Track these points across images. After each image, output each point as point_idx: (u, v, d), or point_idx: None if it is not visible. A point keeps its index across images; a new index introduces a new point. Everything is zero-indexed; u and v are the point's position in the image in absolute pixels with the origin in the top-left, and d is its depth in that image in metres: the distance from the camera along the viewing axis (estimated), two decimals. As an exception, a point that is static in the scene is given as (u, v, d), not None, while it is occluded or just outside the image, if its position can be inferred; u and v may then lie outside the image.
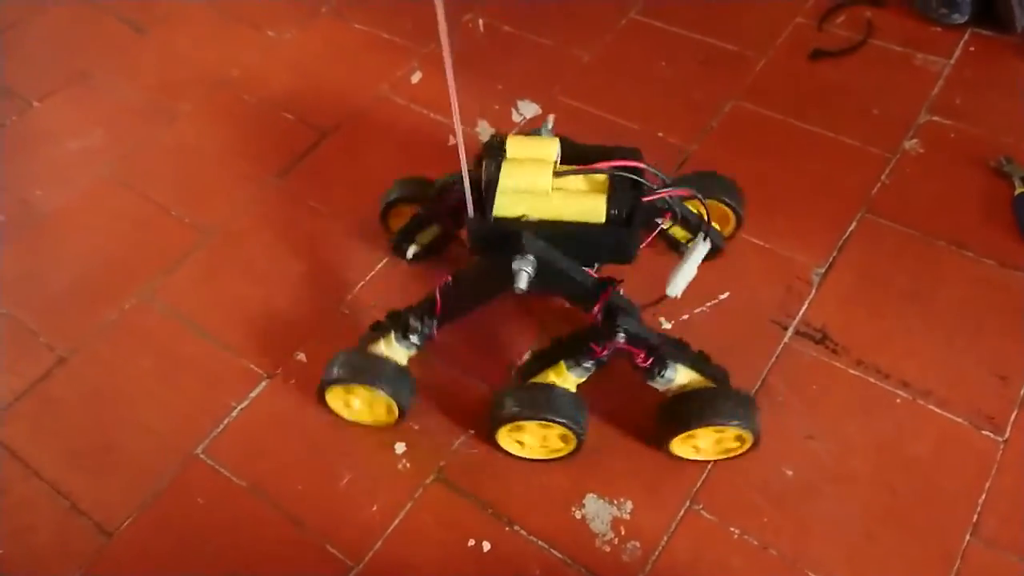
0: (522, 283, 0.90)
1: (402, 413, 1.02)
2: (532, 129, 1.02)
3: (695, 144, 1.37)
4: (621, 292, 0.98)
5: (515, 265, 0.90)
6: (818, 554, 0.95)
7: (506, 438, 1.00)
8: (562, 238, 0.93)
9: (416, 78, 1.53)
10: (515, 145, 0.97)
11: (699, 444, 0.99)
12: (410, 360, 1.04)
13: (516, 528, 0.98)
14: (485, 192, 0.94)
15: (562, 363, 0.98)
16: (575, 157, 0.97)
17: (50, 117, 1.53)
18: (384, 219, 1.21)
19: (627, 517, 0.98)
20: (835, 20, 1.56)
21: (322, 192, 1.35)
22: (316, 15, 1.67)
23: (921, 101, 1.40)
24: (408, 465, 1.04)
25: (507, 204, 0.94)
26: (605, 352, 0.95)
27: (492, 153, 0.96)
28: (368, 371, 1.00)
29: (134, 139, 1.47)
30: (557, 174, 0.95)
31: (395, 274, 1.23)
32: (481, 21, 1.62)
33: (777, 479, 1.00)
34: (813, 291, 1.17)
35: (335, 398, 1.04)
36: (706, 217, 0.99)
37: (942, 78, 1.43)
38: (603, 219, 0.93)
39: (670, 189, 0.97)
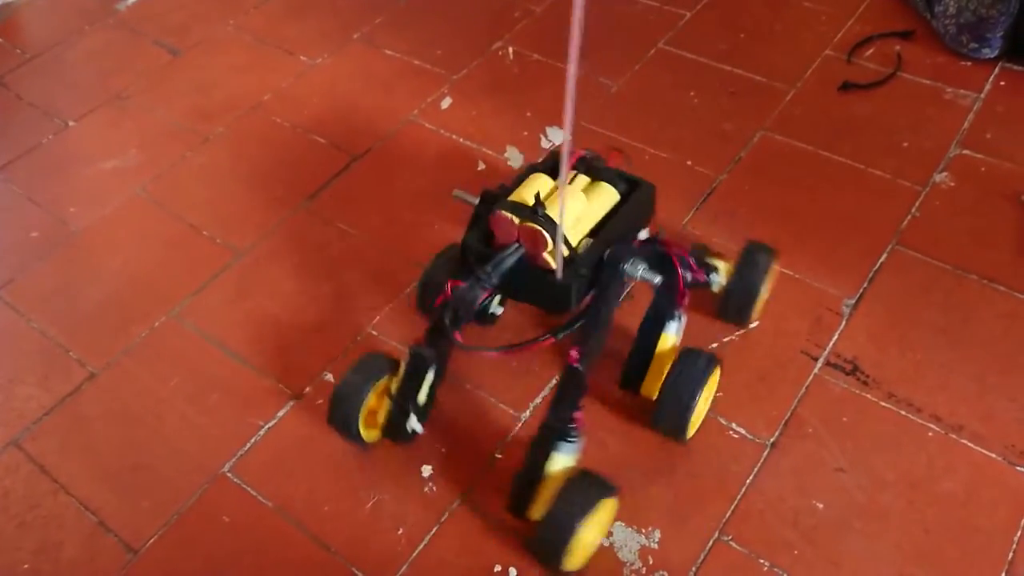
0: (652, 277, 0.98)
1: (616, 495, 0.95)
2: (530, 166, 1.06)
3: (724, 174, 1.37)
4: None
5: (632, 272, 0.97)
6: (849, 590, 0.93)
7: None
8: (614, 225, 1.01)
9: (446, 104, 1.54)
10: (526, 189, 1.00)
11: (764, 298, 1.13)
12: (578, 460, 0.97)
13: (543, 555, 0.97)
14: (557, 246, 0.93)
15: (664, 334, 1.03)
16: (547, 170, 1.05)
17: (86, 137, 1.55)
18: (356, 431, 1.03)
19: (655, 547, 0.97)
20: (864, 53, 1.56)
21: (352, 215, 1.36)
22: (348, 41, 1.70)
23: (952, 135, 1.40)
24: (434, 488, 1.03)
25: (575, 237, 0.98)
26: (686, 297, 1.02)
27: (535, 208, 0.96)
28: (585, 499, 0.90)
29: (168, 160, 1.49)
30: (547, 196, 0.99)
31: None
32: (511, 49, 1.64)
33: (808, 512, 0.99)
34: (843, 323, 1.16)
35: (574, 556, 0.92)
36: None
37: (972, 112, 1.43)
38: (619, 195, 1.03)
39: (613, 152, 1.10)
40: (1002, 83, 1.48)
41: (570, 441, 0.93)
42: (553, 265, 0.95)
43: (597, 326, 0.97)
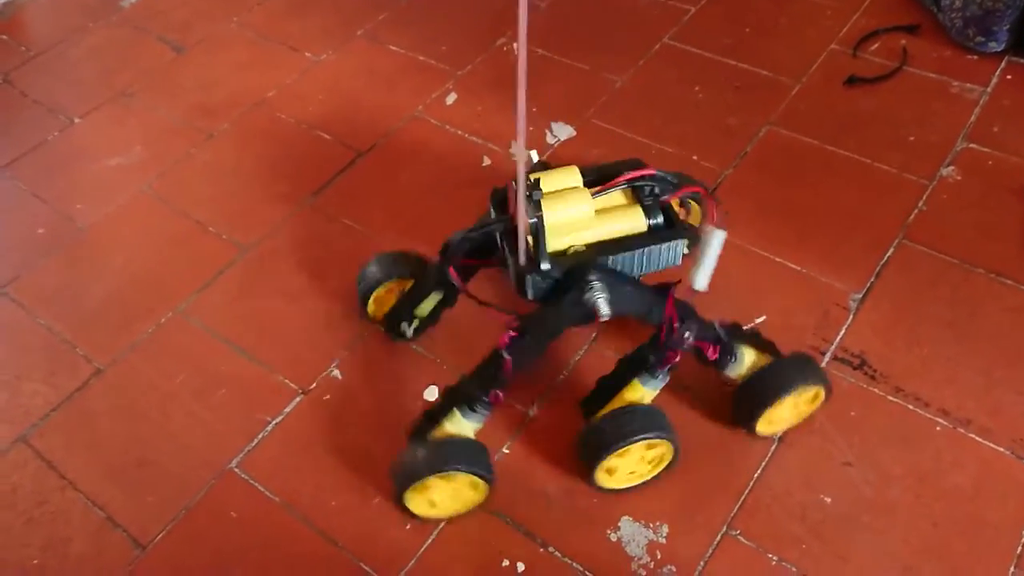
0: (606, 309, 0.90)
1: (489, 484, 0.97)
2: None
3: (730, 168, 1.37)
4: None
5: (589, 297, 0.90)
6: (858, 584, 0.93)
7: (602, 475, 0.98)
8: (619, 256, 0.94)
9: (451, 100, 1.54)
10: (546, 181, 0.96)
11: (782, 415, 1.02)
12: (477, 432, 0.99)
13: (550, 549, 0.97)
14: (534, 236, 0.91)
15: (635, 381, 0.98)
16: (587, 179, 0.99)
17: (91, 134, 1.55)
18: (364, 304, 1.14)
19: (663, 541, 0.97)
20: (869, 47, 1.56)
21: (357, 211, 1.36)
22: (352, 38, 1.70)
23: (958, 128, 1.39)
24: (442, 484, 1.03)
25: (557, 240, 0.94)
26: (677, 357, 0.96)
27: (505, 201, 0.97)
28: (448, 457, 0.94)
29: (172, 156, 1.49)
30: (594, 194, 0.96)
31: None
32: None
33: (815, 506, 0.99)
34: (850, 317, 1.16)
35: (416, 502, 0.97)
36: (713, 204, 1.02)
37: (979, 106, 1.43)
38: (644, 227, 0.96)
39: (684, 187, 1.00)
40: (1008, 77, 1.47)
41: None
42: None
43: (533, 327, 0.95)
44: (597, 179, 0.99)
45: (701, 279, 0.93)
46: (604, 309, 0.89)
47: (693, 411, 1.07)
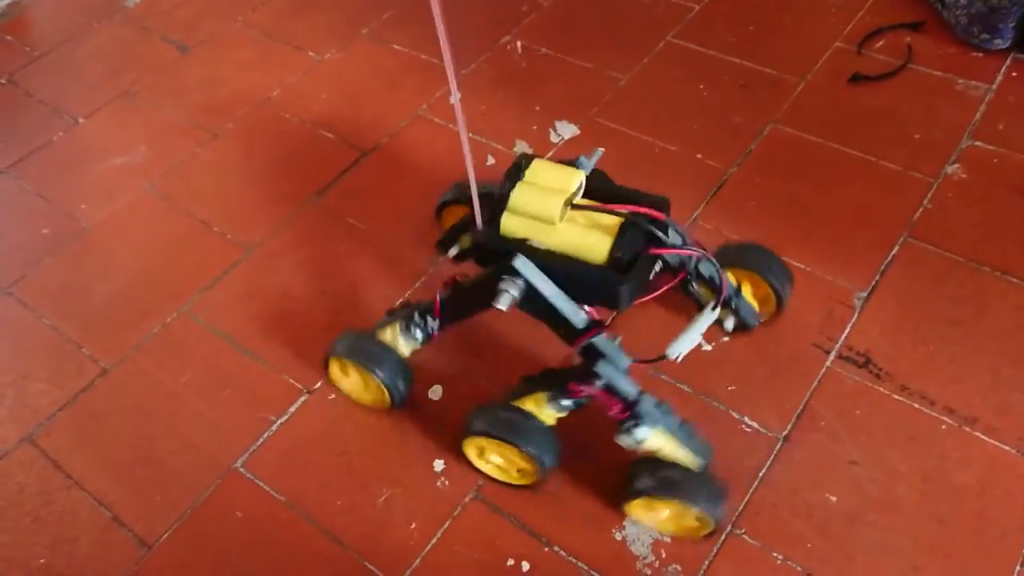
0: (503, 303, 0.89)
1: (394, 402, 1.06)
2: (577, 158, 1.00)
3: (734, 167, 1.37)
4: (614, 340, 0.93)
5: (502, 285, 0.89)
6: (863, 583, 0.93)
7: (473, 453, 1.02)
8: (560, 270, 0.90)
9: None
10: (536, 170, 0.95)
11: (659, 514, 0.97)
12: (413, 353, 1.06)
13: (555, 549, 0.97)
14: (495, 206, 0.93)
15: (542, 394, 0.97)
16: (604, 195, 0.94)
17: (96, 133, 1.56)
18: (439, 216, 1.22)
19: (668, 540, 0.97)
20: (874, 45, 1.55)
21: (361, 210, 1.36)
22: (356, 37, 1.70)
23: (963, 126, 1.39)
24: (447, 483, 1.04)
25: (514, 225, 0.92)
26: (582, 393, 0.93)
27: (513, 172, 0.95)
28: (367, 354, 1.04)
29: (177, 156, 1.49)
30: (574, 206, 0.92)
31: (433, 291, 1.23)
32: (519, 43, 1.63)
33: (821, 505, 0.99)
34: (855, 315, 1.16)
35: (336, 371, 1.11)
36: (722, 285, 0.94)
37: (984, 103, 1.42)
38: (603, 260, 0.89)
39: (682, 248, 0.93)
40: (1014, 74, 1.47)
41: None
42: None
43: (460, 288, 1.00)
44: (609, 196, 0.94)
45: (675, 349, 0.87)
46: (501, 303, 0.89)
47: (696, 410, 1.07)
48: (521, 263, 0.89)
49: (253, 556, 0.99)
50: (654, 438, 0.92)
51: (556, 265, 0.90)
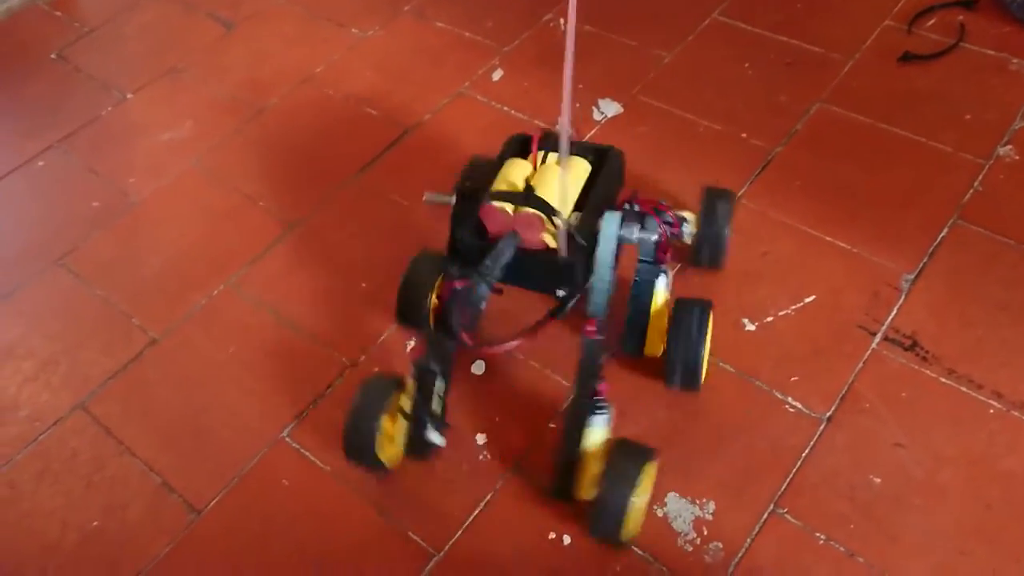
0: (636, 235, 1.02)
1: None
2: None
3: (780, 146, 1.35)
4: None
5: (626, 233, 1.01)
6: (907, 566, 0.92)
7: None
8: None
9: (497, 76, 1.54)
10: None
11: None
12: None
13: (597, 524, 0.98)
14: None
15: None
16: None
17: (143, 109, 1.58)
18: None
19: (709, 518, 0.97)
20: (925, 23, 1.52)
21: (404, 186, 1.37)
22: (399, 14, 1.70)
23: (1016, 107, 1.36)
24: (488, 456, 1.05)
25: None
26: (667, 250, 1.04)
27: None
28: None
29: (222, 132, 1.51)
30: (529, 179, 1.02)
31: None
32: (562, 21, 1.62)
33: (864, 487, 0.98)
34: (902, 298, 1.14)
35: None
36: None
37: (1039, 84, 1.39)
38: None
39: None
40: (1071, 53, 1.43)
41: (600, 412, 0.95)
42: (553, 245, 0.96)
43: (599, 290, 0.99)
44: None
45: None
46: (650, 236, 1.01)
47: (739, 391, 1.07)
48: (608, 213, 0.99)
49: (299, 524, 1.01)
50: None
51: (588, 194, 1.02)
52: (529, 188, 0.99)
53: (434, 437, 0.99)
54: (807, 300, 1.15)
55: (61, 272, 1.32)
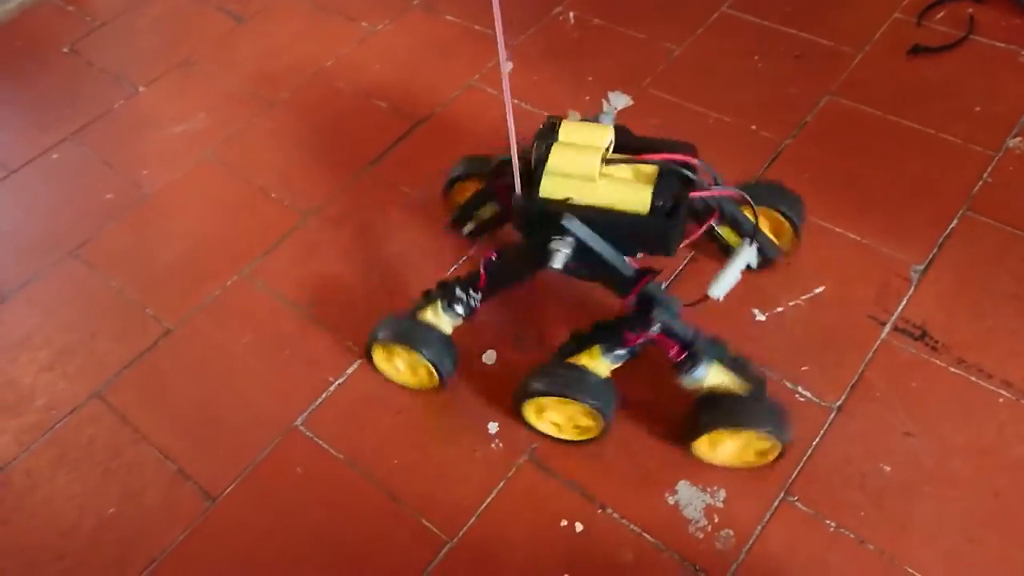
0: (557, 263, 0.91)
1: (442, 380, 1.07)
2: (594, 115, 1.02)
3: (789, 139, 1.36)
4: (661, 285, 0.96)
5: (554, 245, 0.92)
6: (917, 553, 0.93)
7: (532, 414, 1.03)
8: (604, 225, 0.93)
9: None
10: (568, 130, 0.97)
11: (725, 448, 0.98)
12: (455, 329, 1.07)
13: (608, 511, 0.99)
14: (534, 172, 0.95)
15: (596, 347, 0.98)
16: (632, 148, 0.97)
17: (155, 101, 1.59)
18: (448, 194, 1.23)
19: (720, 505, 0.98)
20: (935, 16, 1.52)
21: (414, 178, 1.38)
22: (408, 7, 1.71)
23: (1026, 99, 1.36)
24: (501, 445, 1.05)
25: (553, 187, 0.95)
26: (639, 340, 0.95)
27: (544, 135, 0.97)
28: (412, 335, 1.04)
29: (235, 124, 1.52)
30: (608, 161, 0.95)
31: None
32: (572, 14, 1.63)
33: (875, 475, 0.99)
34: (912, 288, 1.15)
35: (380, 358, 1.10)
36: (755, 223, 1.00)
37: (1049, 76, 1.39)
38: (647, 210, 0.92)
39: (718, 188, 0.96)
40: (1081, 46, 1.43)
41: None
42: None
43: (507, 256, 1.02)
44: (636, 149, 0.97)
45: (718, 288, 0.90)
46: (555, 263, 0.91)
47: (751, 379, 1.08)
48: (570, 222, 0.92)
49: (313, 510, 1.03)
50: (713, 375, 0.95)
51: (601, 220, 0.93)
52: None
53: (468, 228, 1.18)
54: (817, 291, 1.16)
55: (76, 263, 1.33)
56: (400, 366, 1.10)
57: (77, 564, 1.01)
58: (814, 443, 1.02)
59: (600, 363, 0.98)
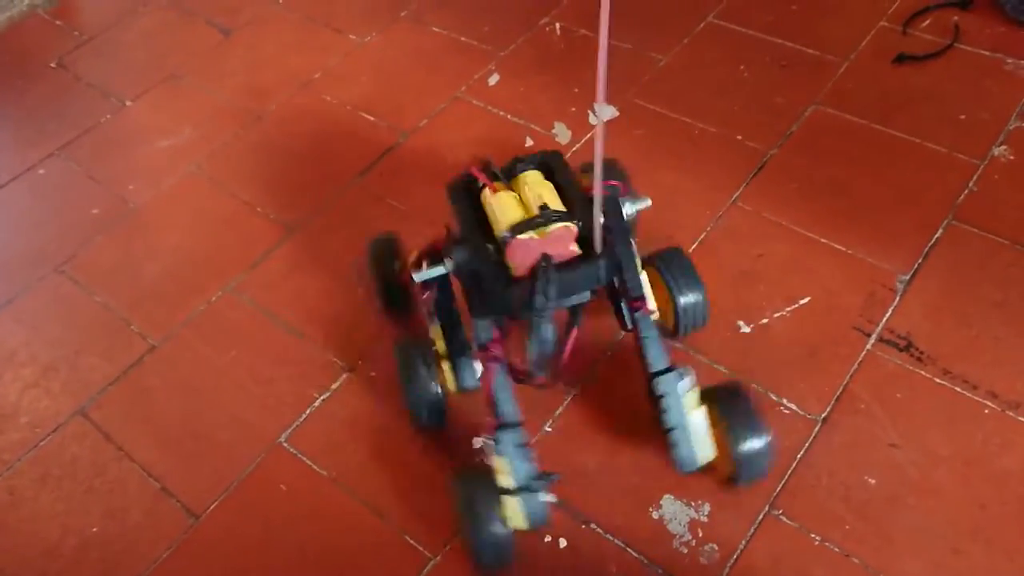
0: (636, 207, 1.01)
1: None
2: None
3: (775, 149, 1.36)
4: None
5: (628, 207, 1.01)
6: (903, 566, 0.93)
7: None
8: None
9: (493, 80, 1.54)
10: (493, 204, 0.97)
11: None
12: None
13: (592, 526, 0.98)
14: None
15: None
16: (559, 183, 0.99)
17: (142, 116, 1.59)
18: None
19: (705, 520, 0.98)
20: (920, 24, 1.53)
21: (401, 191, 1.38)
22: (396, 19, 1.71)
23: (1011, 107, 1.36)
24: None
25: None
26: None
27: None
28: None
29: (221, 138, 1.52)
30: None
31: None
32: (558, 25, 1.63)
33: (859, 487, 0.98)
34: (897, 298, 1.15)
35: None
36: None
37: (1034, 84, 1.39)
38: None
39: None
40: (1066, 53, 1.43)
41: (686, 375, 0.95)
42: (579, 251, 0.92)
43: (632, 267, 0.98)
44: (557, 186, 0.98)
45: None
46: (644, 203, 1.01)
47: (736, 391, 1.07)
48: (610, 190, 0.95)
49: (297, 528, 1.02)
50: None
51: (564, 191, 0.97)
52: (544, 206, 0.93)
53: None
54: (802, 301, 1.16)
55: (61, 279, 1.33)
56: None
57: (60, 584, 1.01)
58: (798, 456, 1.02)
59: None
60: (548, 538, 0.98)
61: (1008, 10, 1.49)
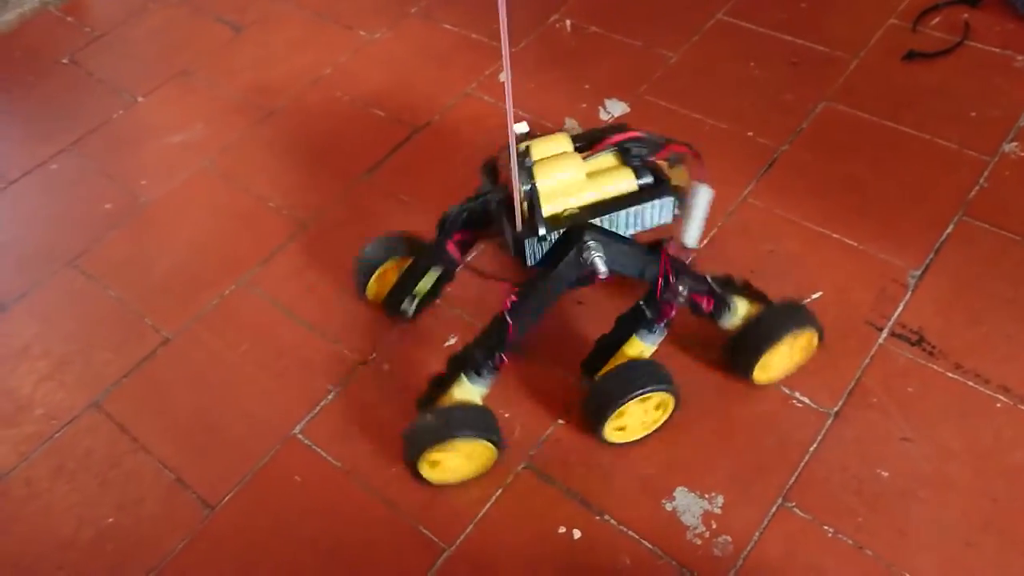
0: (603, 267, 0.93)
1: (500, 448, 1.00)
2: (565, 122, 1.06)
3: (786, 145, 1.36)
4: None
5: (587, 257, 0.93)
6: (915, 559, 0.93)
7: (611, 431, 1.01)
8: (608, 214, 0.98)
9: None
10: (537, 149, 1.00)
11: (776, 362, 1.04)
12: (483, 397, 1.02)
13: (606, 518, 0.99)
14: (529, 203, 0.96)
15: (635, 337, 1.00)
16: (577, 144, 1.03)
17: (153, 112, 1.60)
18: (366, 284, 1.16)
19: (718, 512, 0.98)
20: (930, 21, 1.53)
21: (412, 186, 1.38)
22: (406, 16, 1.71)
23: (1021, 104, 1.37)
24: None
25: (552, 205, 0.98)
26: (673, 311, 0.98)
27: (497, 171, 1.03)
28: (459, 425, 0.96)
29: (233, 134, 1.52)
30: (584, 158, 1.00)
31: (482, 266, 1.25)
32: (568, 22, 1.63)
33: (872, 480, 0.99)
34: (909, 294, 1.15)
35: (427, 468, 1.00)
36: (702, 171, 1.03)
37: (1044, 81, 1.40)
38: (636, 186, 1.00)
39: (669, 146, 1.02)
40: (1076, 50, 1.44)
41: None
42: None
43: (533, 291, 0.97)
44: (586, 144, 1.02)
45: (690, 236, 0.97)
46: (602, 267, 0.93)
47: (747, 384, 1.08)
48: (591, 230, 0.95)
49: (311, 519, 1.03)
50: (741, 305, 1.03)
51: (606, 212, 0.98)
52: (527, 155, 1.00)
53: (406, 305, 1.12)
54: (814, 296, 1.16)
55: (74, 273, 1.33)
56: (454, 463, 1.00)
57: (76, 574, 1.01)
58: (811, 449, 1.02)
59: (645, 348, 1.00)
60: (562, 529, 0.98)
61: (1019, 7, 1.49)
